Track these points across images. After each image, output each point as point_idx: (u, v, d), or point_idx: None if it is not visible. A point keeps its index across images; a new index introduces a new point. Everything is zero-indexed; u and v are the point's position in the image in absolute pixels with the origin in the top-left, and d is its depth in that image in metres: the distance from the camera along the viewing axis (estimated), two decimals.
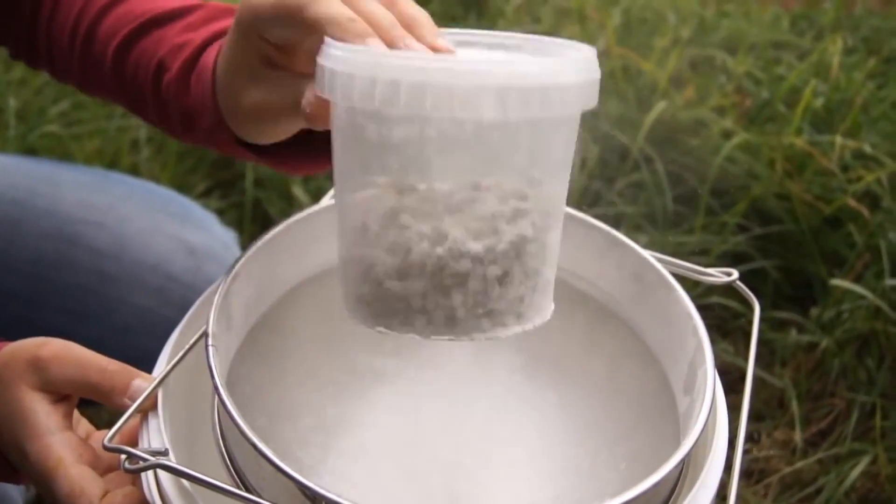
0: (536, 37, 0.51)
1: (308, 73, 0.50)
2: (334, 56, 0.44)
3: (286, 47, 0.52)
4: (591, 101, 0.46)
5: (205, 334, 0.51)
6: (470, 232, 0.45)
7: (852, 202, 1.27)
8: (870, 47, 1.65)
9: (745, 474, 1.12)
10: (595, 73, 0.46)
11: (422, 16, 0.48)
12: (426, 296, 0.46)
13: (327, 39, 0.45)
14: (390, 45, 0.45)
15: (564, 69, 0.43)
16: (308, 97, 0.49)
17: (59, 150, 1.40)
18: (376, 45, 0.45)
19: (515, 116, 0.42)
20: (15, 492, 0.70)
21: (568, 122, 0.47)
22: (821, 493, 1.06)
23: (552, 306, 0.50)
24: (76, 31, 0.69)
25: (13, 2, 0.74)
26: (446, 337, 0.47)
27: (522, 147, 0.45)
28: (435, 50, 0.45)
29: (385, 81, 0.41)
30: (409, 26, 0.47)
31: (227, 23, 0.61)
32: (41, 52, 0.74)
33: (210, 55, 0.58)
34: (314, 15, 0.47)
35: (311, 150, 0.61)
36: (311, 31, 0.47)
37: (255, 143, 0.58)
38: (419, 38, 0.46)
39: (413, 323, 0.47)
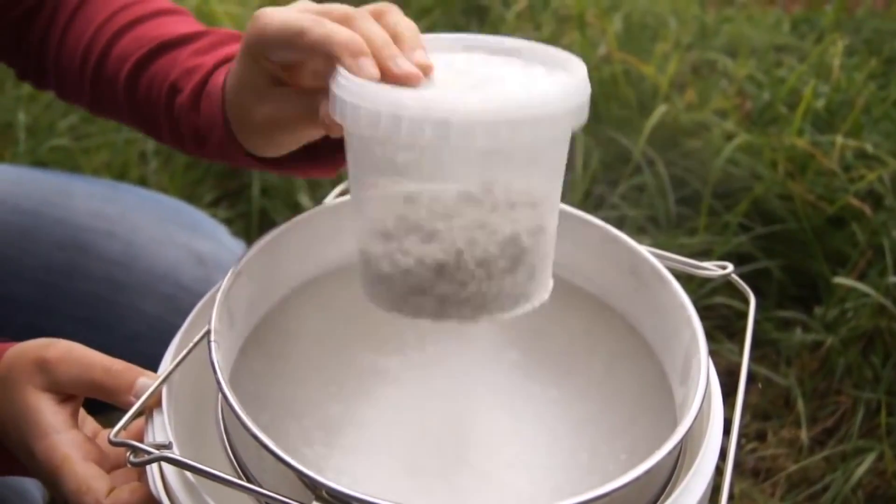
0: (530, 44, 0.55)
1: (311, 87, 0.55)
2: (343, 86, 0.48)
3: (291, 66, 0.55)
4: (580, 119, 0.49)
5: (207, 332, 0.52)
6: (471, 232, 0.50)
7: (855, 201, 1.27)
8: (871, 48, 1.65)
9: (753, 473, 1.12)
10: (584, 94, 0.49)
11: (406, 29, 0.52)
12: (434, 286, 0.51)
13: (337, 66, 0.49)
14: (382, 63, 0.49)
15: (553, 97, 0.47)
16: (324, 110, 0.52)
17: (69, 164, 1.42)
18: (370, 64, 0.49)
19: (507, 143, 0.46)
20: (34, 487, 0.71)
21: (557, 140, 0.51)
22: (828, 491, 1.06)
23: (550, 285, 0.55)
24: (88, 55, 0.71)
25: (23, 26, 0.76)
26: (454, 320, 0.52)
27: (516, 164, 0.49)
28: (418, 65, 0.50)
29: (388, 115, 0.46)
30: (395, 40, 0.51)
31: (235, 48, 0.65)
32: (49, 74, 0.77)
33: (219, 77, 0.61)
34: (314, 38, 0.51)
35: (317, 159, 0.63)
36: (313, 53, 0.51)
37: (265, 155, 0.61)
38: (402, 52, 0.50)
39: (423, 308, 0.52)
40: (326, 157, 0.63)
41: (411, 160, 0.48)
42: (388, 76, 0.49)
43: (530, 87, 0.50)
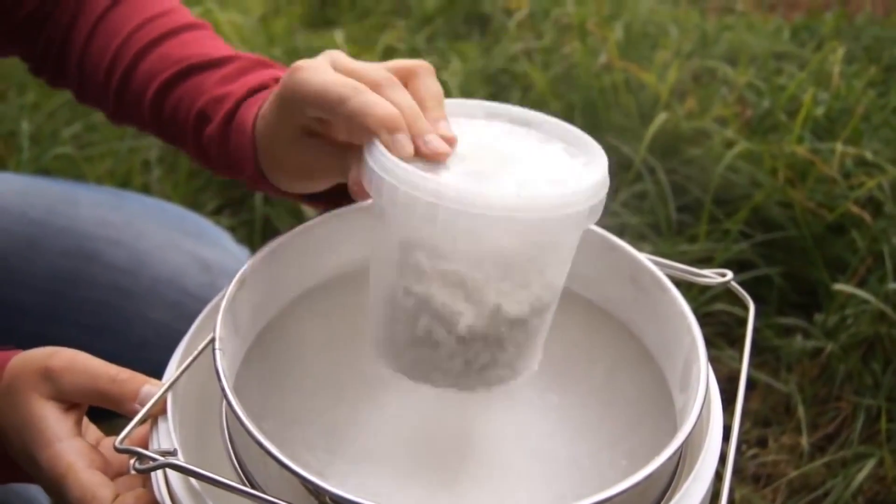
0: (549, 118, 0.57)
1: (343, 142, 0.57)
2: (381, 163, 0.50)
3: (324, 121, 0.56)
4: (595, 218, 0.52)
5: (212, 339, 0.53)
6: (481, 317, 0.52)
7: (854, 208, 1.28)
8: (871, 56, 1.66)
9: (753, 479, 1.13)
10: (602, 193, 0.52)
11: (431, 97, 0.55)
12: (442, 360, 0.54)
13: (374, 139, 0.51)
14: (414, 137, 0.52)
15: (575, 200, 0.49)
16: (354, 177, 0.55)
17: (72, 172, 1.43)
18: (406, 142, 0.51)
19: (528, 242, 0.50)
20: (40, 495, 0.72)
21: (573, 238, 0.53)
22: (828, 497, 1.07)
23: (539, 358, 0.58)
24: (113, 68, 0.72)
25: (37, 23, 0.76)
26: (453, 389, 0.56)
27: (530, 259, 0.51)
28: (443, 138, 0.52)
29: (423, 204, 0.48)
30: (420, 108, 0.54)
31: (262, 75, 0.66)
32: (70, 78, 0.78)
33: (248, 112, 0.63)
34: (352, 109, 0.52)
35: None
36: (349, 122, 0.53)
37: (294, 192, 0.64)
38: (430, 122, 0.53)
39: (429, 377, 0.56)
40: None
41: (439, 243, 0.50)
42: (418, 153, 0.51)
43: (561, 185, 0.51)
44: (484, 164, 0.52)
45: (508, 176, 0.51)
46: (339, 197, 0.65)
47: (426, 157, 0.51)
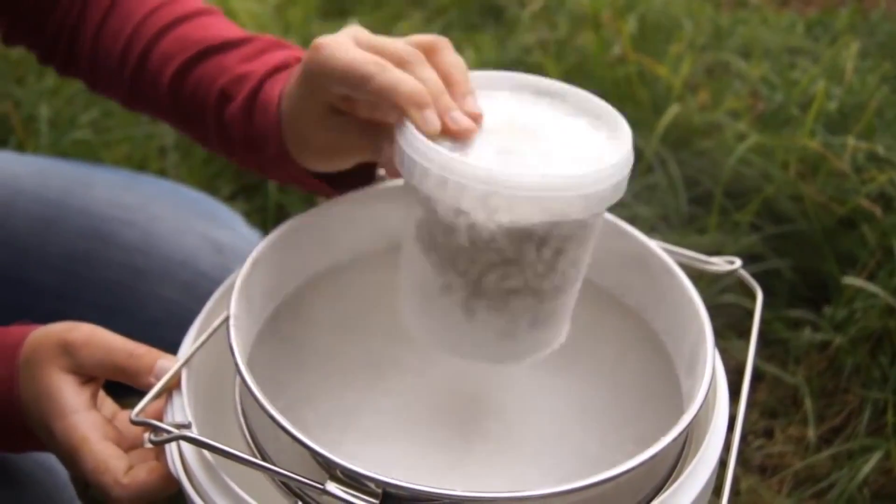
0: (574, 90, 0.58)
1: (368, 118, 0.58)
2: (413, 146, 0.51)
3: (349, 97, 0.57)
4: (619, 194, 0.54)
5: (227, 316, 0.54)
6: (509, 294, 0.54)
7: (865, 203, 1.28)
8: (885, 51, 1.65)
9: (760, 470, 1.13)
10: (626, 170, 0.54)
11: (456, 70, 0.55)
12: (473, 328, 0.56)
13: (404, 119, 0.52)
14: (440, 115, 0.52)
15: (604, 178, 0.51)
16: (387, 156, 0.56)
17: (90, 157, 1.43)
18: (434, 119, 0.52)
19: (550, 220, 0.51)
20: (59, 463, 0.73)
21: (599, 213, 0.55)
22: (834, 488, 1.07)
23: (566, 328, 0.60)
24: (129, 51, 0.73)
25: (48, 11, 0.77)
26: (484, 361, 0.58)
27: (564, 234, 0.52)
28: (469, 115, 0.53)
29: (454, 184, 0.49)
30: (447, 82, 0.54)
31: (281, 55, 0.67)
32: (82, 64, 0.78)
33: (272, 90, 0.63)
34: (379, 86, 0.53)
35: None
36: (376, 99, 0.54)
37: (319, 170, 0.64)
38: (454, 98, 0.53)
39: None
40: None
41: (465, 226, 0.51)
42: (445, 131, 0.52)
43: (585, 163, 0.52)
44: (510, 141, 0.53)
45: (534, 153, 0.52)
46: (354, 182, 0.65)
47: (453, 135, 0.52)
